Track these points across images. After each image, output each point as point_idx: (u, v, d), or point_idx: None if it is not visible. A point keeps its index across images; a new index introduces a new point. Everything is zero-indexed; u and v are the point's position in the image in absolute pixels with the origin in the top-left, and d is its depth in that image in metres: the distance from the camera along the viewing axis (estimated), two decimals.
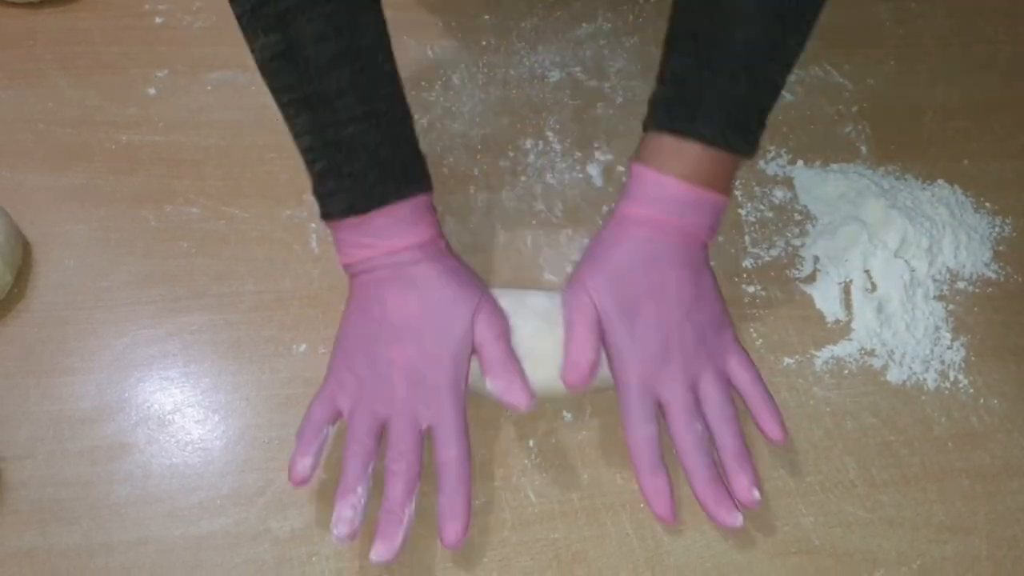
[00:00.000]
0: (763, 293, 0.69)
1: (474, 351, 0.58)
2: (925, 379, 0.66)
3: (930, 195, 0.73)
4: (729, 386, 0.59)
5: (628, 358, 0.57)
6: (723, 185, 0.59)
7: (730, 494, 0.57)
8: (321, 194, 0.58)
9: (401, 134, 0.58)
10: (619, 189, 0.72)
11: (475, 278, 0.61)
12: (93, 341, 0.63)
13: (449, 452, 0.55)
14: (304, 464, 0.56)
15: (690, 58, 0.57)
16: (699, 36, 0.57)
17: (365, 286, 0.58)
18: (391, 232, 0.57)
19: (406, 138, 0.58)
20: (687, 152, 0.57)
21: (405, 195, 0.57)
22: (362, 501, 0.55)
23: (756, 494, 0.56)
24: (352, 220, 0.57)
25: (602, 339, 0.58)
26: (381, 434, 0.57)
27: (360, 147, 0.56)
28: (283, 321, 0.65)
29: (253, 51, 0.56)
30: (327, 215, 0.58)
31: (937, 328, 0.68)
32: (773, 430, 0.58)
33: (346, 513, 0.54)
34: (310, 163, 0.58)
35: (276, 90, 0.57)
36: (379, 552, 0.54)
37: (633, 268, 0.58)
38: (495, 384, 0.57)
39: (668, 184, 0.58)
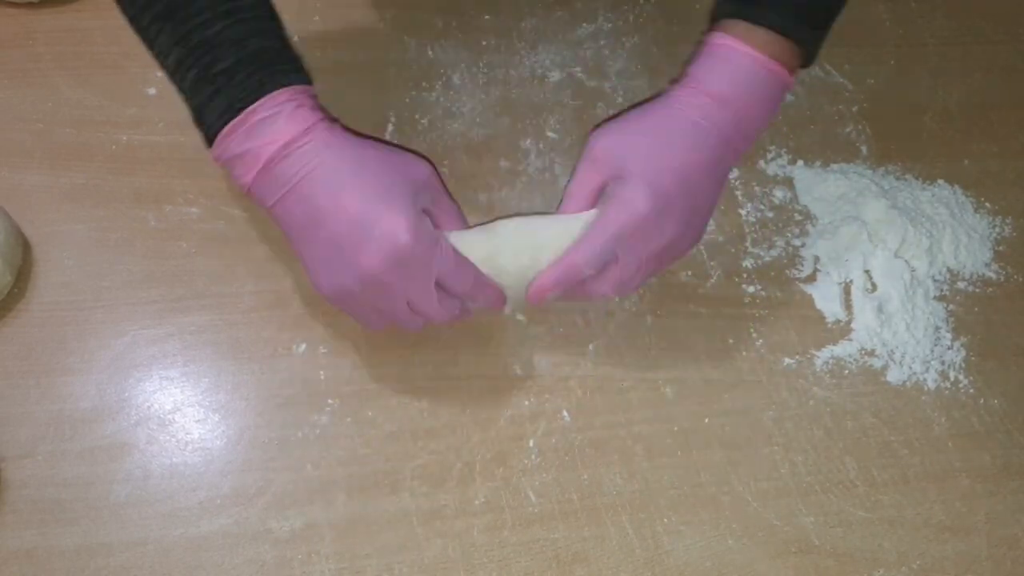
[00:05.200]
0: (763, 293, 0.69)
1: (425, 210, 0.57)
2: (925, 379, 0.66)
3: (930, 195, 0.73)
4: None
5: (622, 209, 0.56)
6: (782, 80, 0.59)
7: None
8: (199, 106, 0.54)
9: (269, 29, 0.56)
10: None
11: (390, 146, 0.58)
12: (93, 341, 0.63)
13: (465, 285, 0.57)
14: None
15: None
16: None
17: (291, 211, 0.55)
18: (278, 125, 0.53)
19: (275, 33, 0.56)
20: (757, 34, 0.58)
21: (282, 84, 0.54)
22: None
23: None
24: (236, 125, 0.53)
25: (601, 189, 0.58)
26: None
27: (227, 43, 0.53)
28: (283, 321, 0.65)
29: None
30: (211, 130, 0.54)
31: (937, 328, 0.68)
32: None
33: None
34: (183, 80, 0.54)
35: (136, 11, 0.55)
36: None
37: (670, 143, 0.57)
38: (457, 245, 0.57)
39: (738, 56, 0.58)
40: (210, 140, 0.55)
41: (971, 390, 0.66)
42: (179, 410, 0.62)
